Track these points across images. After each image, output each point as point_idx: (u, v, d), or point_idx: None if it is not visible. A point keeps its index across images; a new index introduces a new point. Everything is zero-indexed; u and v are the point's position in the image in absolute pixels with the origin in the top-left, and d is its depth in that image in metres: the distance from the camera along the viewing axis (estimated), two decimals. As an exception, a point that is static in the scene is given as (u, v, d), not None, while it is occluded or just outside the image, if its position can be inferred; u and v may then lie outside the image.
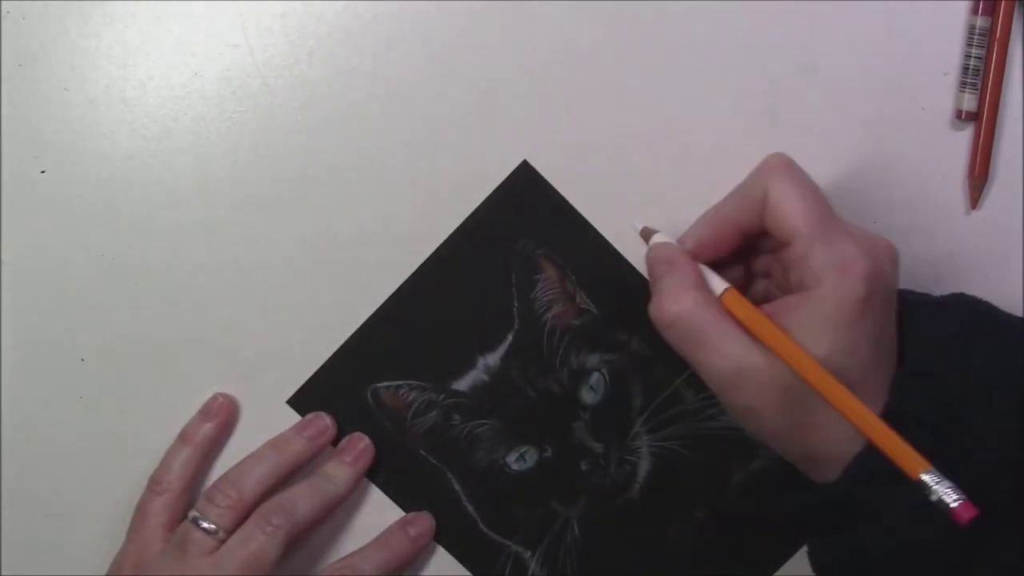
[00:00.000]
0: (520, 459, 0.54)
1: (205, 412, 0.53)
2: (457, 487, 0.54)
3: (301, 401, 0.53)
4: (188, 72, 0.52)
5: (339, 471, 0.53)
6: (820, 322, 0.43)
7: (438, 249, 0.53)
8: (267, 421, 0.54)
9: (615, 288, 0.53)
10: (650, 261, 0.48)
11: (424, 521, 0.54)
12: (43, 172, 0.53)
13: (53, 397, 0.54)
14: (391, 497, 0.54)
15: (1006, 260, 0.53)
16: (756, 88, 0.52)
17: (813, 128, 0.52)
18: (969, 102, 0.52)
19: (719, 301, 0.45)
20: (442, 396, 0.54)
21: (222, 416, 0.53)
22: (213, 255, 0.53)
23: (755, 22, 0.52)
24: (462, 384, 0.53)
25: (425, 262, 0.53)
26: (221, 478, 0.52)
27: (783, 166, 0.45)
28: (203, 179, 0.53)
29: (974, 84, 0.52)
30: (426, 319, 0.53)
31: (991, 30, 0.51)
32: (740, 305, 0.45)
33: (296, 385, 0.54)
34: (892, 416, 0.43)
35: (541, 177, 0.52)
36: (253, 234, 0.53)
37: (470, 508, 0.54)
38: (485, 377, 0.53)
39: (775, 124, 0.52)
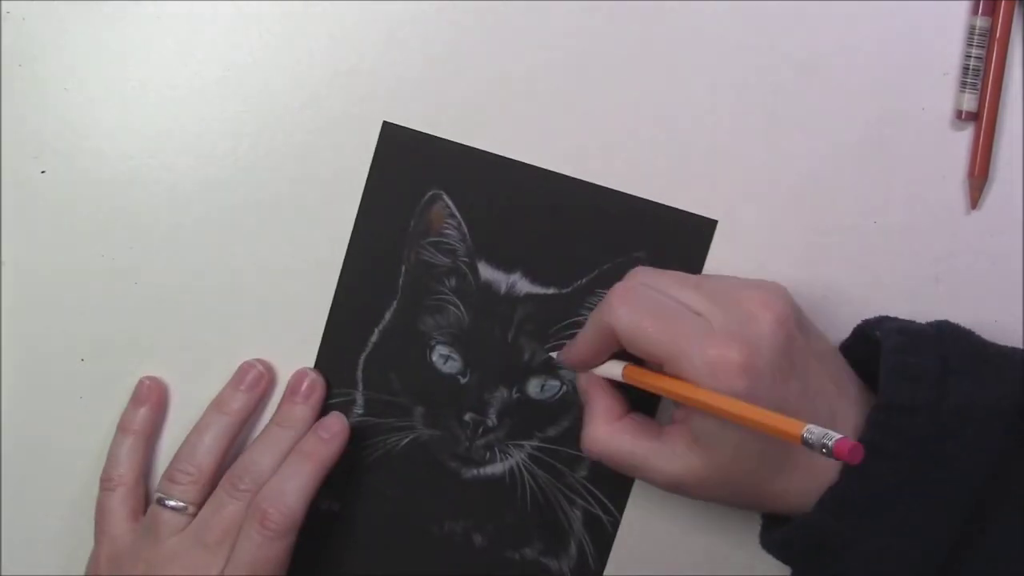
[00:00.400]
0: (444, 359, 0.53)
1: (136, 398, 0.53)
2: (387, 315, 0.53)
3: (389, 131, 0.52)
4: (188, 72, 0.52)
5: (292, 413, 0.52)
6: (717, 424, 0.44)
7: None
8: (267, 420, 0.54)
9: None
10: (580, 391, 0.50)
11: (335, 422, 0.52)
12: (43, 172, 0.53)
13: (53, 397, 0.54)
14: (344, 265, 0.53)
15: (1006, 260, 0.53)
16: (756, 88, 0.52)
17: (813, 128, 0.52)
18: (969, 102, 0.52)
19: (635, 424, 0.47)
20: (465, 259, 0.53)
21: (153, 398, 0.53)
22: (213, 255, 0.53)
23: (755, 22, 0.52)
24: (486, 272, 0.53)
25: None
26: (175, 457, 0.52)
27: (619, 300, 0.46)
28: (203, 179, 0.53)
29: (974, 84, 0.52)
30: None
31: (991, 30, 0.51)
32: (639, 374, 0.47)
33: (296, 385, 0.54)
34: (867, 448, 0.44)
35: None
36: (253, 234, 0.53)
37: (374, 336, 0.53)
38: (502, 289, 0.53)
39: (775, 124, 0.52)
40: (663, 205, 0.52)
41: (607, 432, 0.47)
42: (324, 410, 0.53)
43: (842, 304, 0.53)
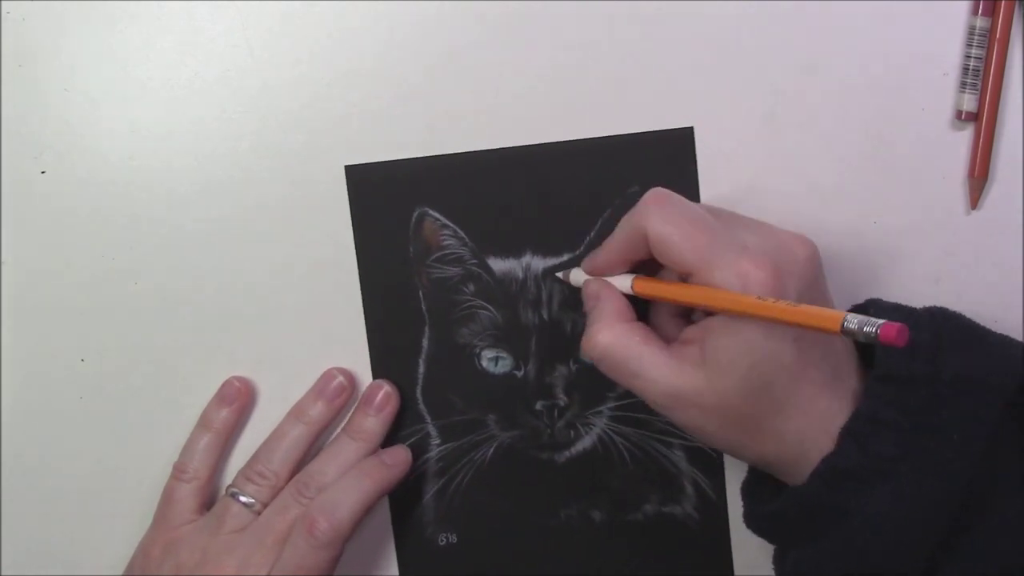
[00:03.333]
0: (494, 361, 0.53)
1: (221, 397, 0.53)
2: (425, 343, 0.53)
3: (356, 173, 0.53)
4: (188, 72, 0.52)
5: (363, 425, 0.52)
6: (736, 339, 0.44)
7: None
8: (267, 420, 0.54)
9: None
10: (584, 298, 0.50)
11: (400, 453, 0.53)
12: (43, 172, 0.53)
13: (53, 397, 0.54)
14: (366, 311, 0.53)
15: (1006, 260, 0.53)
16: (756, 88, 0.52)
17: (813, 128, 0.52)
18: (969, 102, 0.52)
19: (644, 329, 0.47)
20: (474, 261, 0.53)
21: (240, 400, 0.53)
22: (213, 255, 0.53)
23: (755, 22, 0.52)
24: (498, 265, 0.53)
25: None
26: (252, 458, 0.52)
27: (654, 204, 0.46)
28: (203, 179, 0.53)
29: (974, 84, 0.52)
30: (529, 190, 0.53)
31: (991, 30, 0.51)
32: (650, 284, 0.46)
33: (299, 386, 0.54)
34: (863, 419, 0.44)
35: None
36: (253, 234, 0.53)
37: (420, 368, 0.54)
38: (520, 274, 0.53)
39: (775, 124, 0.52)
40: (637, 133, 0.52)
41: (616, 331, 0.46)
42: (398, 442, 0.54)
43: (842, 304, 0.53)
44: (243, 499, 0.51)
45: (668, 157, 0.52)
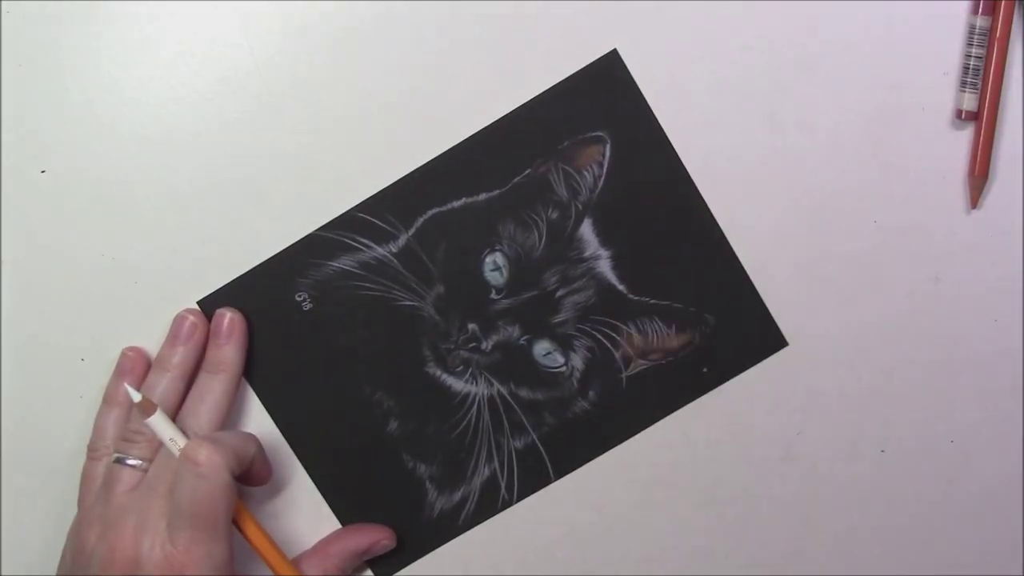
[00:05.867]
0: (492, 267, 0.53)
1: (119, 370, 0.53)
2: (482, 196, 0.53)
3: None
4: (188, 72, 0.52)
5: (219, 356, 0.52)
6: None
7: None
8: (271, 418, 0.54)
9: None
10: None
11: (225, 320, 0.53)
12: (43, 172, 0.53)
13: (53, 397, 0.54)
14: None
15: (1006, 260, 0.53)
16: (756, 88, 0.52)
17: (813, 128, 0.52)
18: (969, 102, 0.52)
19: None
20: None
21: (136, 369, 0.53)
22: (213, 255, 0.53)
23: (755, 22, 0.52)
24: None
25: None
26: (129, 419, 0.52)
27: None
28: (203, 179, 0.53)
29: (974, 84, 0.52)
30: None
31: (991, 30, 0.51)
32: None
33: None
34: None
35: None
36: (253, 234, 0.53)
37: (455, 203, 0.53)
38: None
39: (775, 124, 0.52)
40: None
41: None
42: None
43: (842, 304, 0.53)
44: (130, 462, 0.50)
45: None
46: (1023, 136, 0.53)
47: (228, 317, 0.53)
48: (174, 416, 0.51)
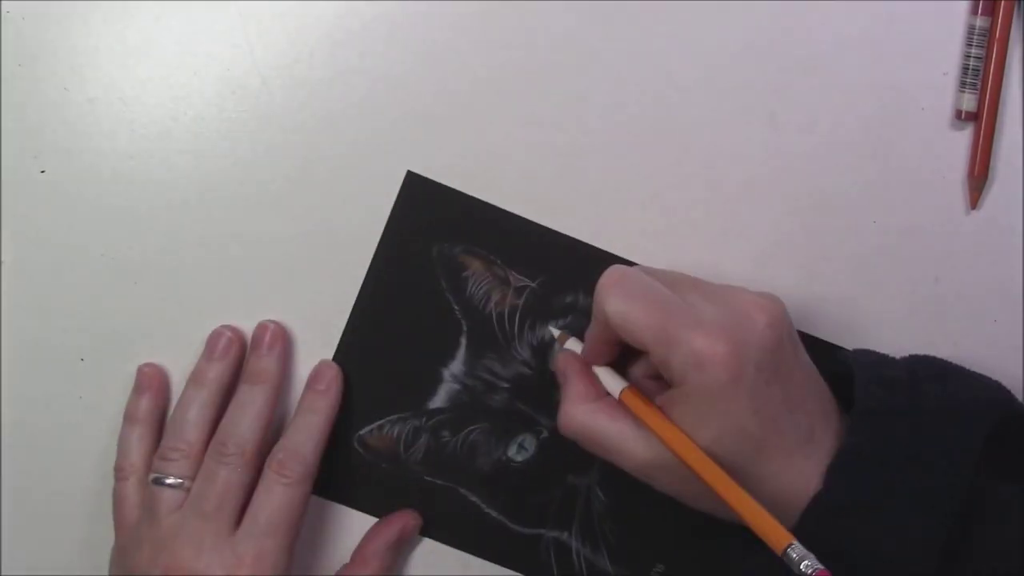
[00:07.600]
0: (520, 449, 0.54)
1: (138, 387, 0.53)
2: (474, 498, 0.54)
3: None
4: (188, 72, 0.52)
5: (259, 367, 0.52)
6: (697, 415, 0.44)
7: (364, 282, 0.53)
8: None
9: (544, 257, 0.53)
10: (556, 371, 0.51)
11: (326, 371, 0.53)
12: (43, 172, 0.53)
13: (53, 397, 0.54)
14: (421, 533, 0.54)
15: (1006, 260, 0.53)
16: (756, 88, 0.52)
17: (813, 128, 0.52)
18: (969, 102, 0.52)
19: (611, 406, 0.47)
20: (424, 419, 0.53)
21: (155, 385, 0.53)
22: (213, 255, 0.53)
23: (755, 22, 0.52)
24: (438, 401, 0.53)
25: (359, 297, 0.53)
26: (163, 439, 0.52)
27: (611, 285, 0.46)
28: (203, 179, 0.53)
29: (974, 84, 0.52)
30: (379, 354, 0.53)
31: (991, 30, 0.51)
32: (636, 403, 0.46)
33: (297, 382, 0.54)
34: (848, 455, 0.44)
35: (432, 181, 0.52)
36: (253, 234, 0.53)
37: (493, 513, 0.54)
38: (456, 386, 0.53)
39: (775, 124, 0.52)
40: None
41: (584, 411, 0.47)
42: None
43: (842, 304, 0.53)
44: (169, 481, 0.50)
45: (427, 202, 0.52)
46: (1023, 136, 0.53)
47: (271, 329, 0.53)
48: (213, 430, 0.51)
